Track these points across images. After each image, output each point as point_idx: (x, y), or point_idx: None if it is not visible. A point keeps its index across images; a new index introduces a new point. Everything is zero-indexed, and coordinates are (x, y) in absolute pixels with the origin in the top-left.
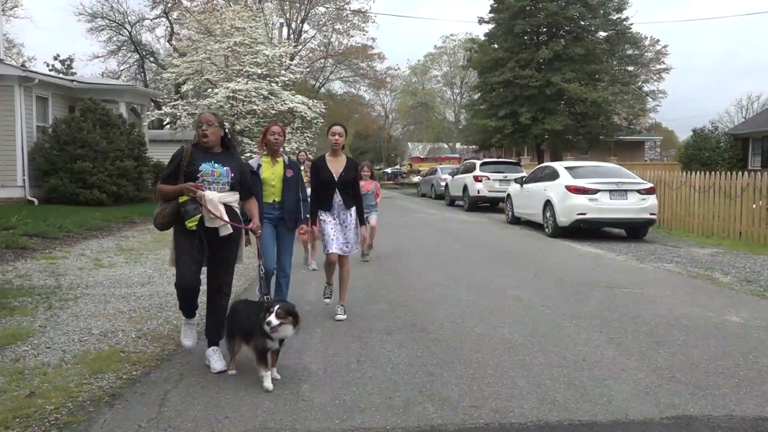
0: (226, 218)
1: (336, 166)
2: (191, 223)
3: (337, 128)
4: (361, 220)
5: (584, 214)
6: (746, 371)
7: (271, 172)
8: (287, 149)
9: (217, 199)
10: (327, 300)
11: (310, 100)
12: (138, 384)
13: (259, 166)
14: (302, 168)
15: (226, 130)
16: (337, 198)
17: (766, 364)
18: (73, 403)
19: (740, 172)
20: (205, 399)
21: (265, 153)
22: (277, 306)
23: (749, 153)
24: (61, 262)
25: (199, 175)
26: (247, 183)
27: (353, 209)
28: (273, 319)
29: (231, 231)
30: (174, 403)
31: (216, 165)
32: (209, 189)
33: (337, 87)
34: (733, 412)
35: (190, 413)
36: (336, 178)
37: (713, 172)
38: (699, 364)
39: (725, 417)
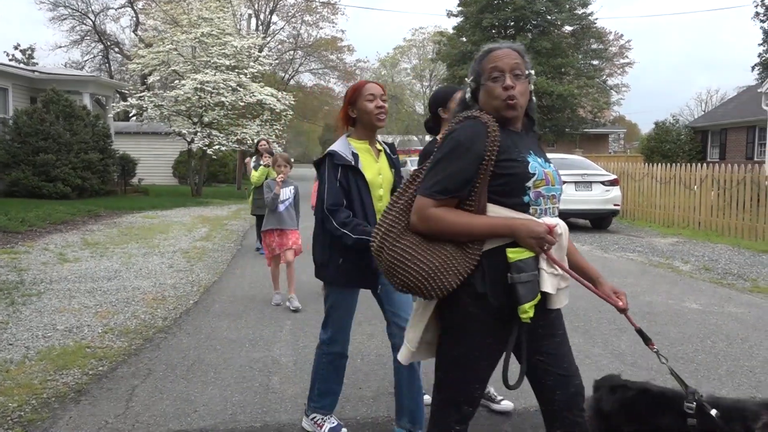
0: (563, 278)
1: None
2: (530, 311)
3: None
4: None
5: None
6: (704, 356)
7: (377, 171)
8: (251, 140)
9: (566, 236)
10: None
11: (280, 92)
12: (104, 379)
13: (356, 156)
14: (262, 162)
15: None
16: None
17: (722, 349)
18: (37, 400)
19: (699, 164)
20: (173, 393)
21: (349, 134)
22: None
23: (708, 145)
24: (23, 257)
25: (529, 183)
26: None
27: None
28: None
29: (566, 302)
30: (142, 398)
31: (541, 161)
32: (544, 215)
33: (307, 79)
34: None
35: (159, 408)
36: None
37: (674, 164)
38: (659, 349)
39: None
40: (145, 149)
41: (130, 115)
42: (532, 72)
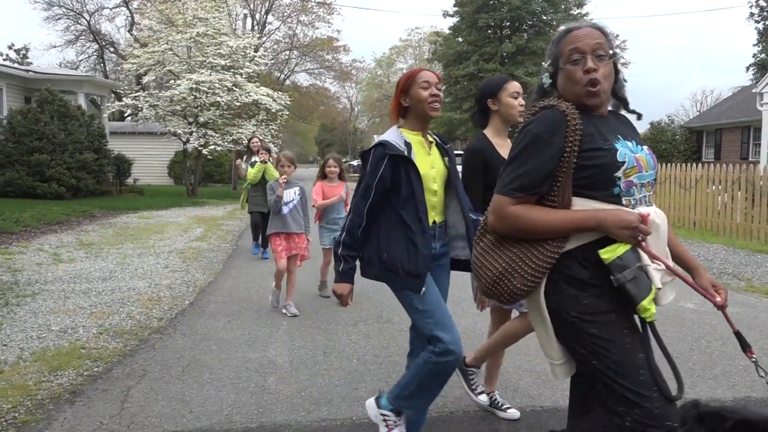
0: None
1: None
2: (651, 306)
3: (517, 84)
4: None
5: None
6: (699, 355)
7: (430, 164)
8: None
9: (665, 225)
10: None
11: (275, 93)
12: (99, 380)
13: (409, 146)
14: (258, 159)
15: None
16: None
17: (717, 349)
18: (31, 402)
19: (694, 164)
20: (169, 394)
21: (404, 124)
22: None
23: (703, 145)
24: (18, 258)
25: (618, 173)
26: None
27: None
28: None
29: (672, 296)
30: (137, 398)
31: (632, 144)
32: (639, 206)
33: (303, 79)
34: (687, 394)
35: (154, 409)
36: None
37: (669, 164)
38: (655, 349)
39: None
40: (140, 149)
41: (125, 115)
42: (618, 51)
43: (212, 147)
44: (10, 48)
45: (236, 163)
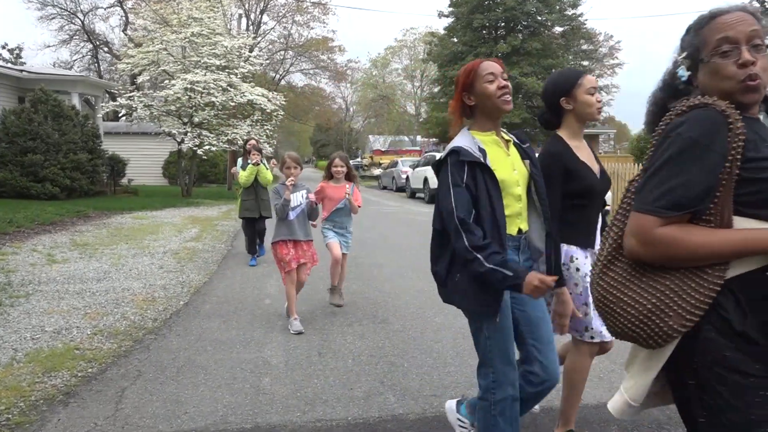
0: None
1: (588, 157)
2: None
3: (593, 78)
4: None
5: None
6: None
7: (510, 166)
8: (241, 140)
9: None
10: None
11: (270, 93)
12: (94, 381)
13: (483, 152)
14: (250, 161)
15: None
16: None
17: None
18: (25, 403)
19: None
20: (163, 395)
21: (472, 126)
22: None
23: None
24: (11, 258)
25: None
26: None
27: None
28: None
29: None
30: (132, 399)
31: None
32: None
33: (298, 79)
34: None
35: (149, 409)
36: (599, 181)
37: None
38: None
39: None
40: (134, 149)
41: (120, 115)
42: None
43: (207, 147)
44: (3, 48)
45: (231, 171)
